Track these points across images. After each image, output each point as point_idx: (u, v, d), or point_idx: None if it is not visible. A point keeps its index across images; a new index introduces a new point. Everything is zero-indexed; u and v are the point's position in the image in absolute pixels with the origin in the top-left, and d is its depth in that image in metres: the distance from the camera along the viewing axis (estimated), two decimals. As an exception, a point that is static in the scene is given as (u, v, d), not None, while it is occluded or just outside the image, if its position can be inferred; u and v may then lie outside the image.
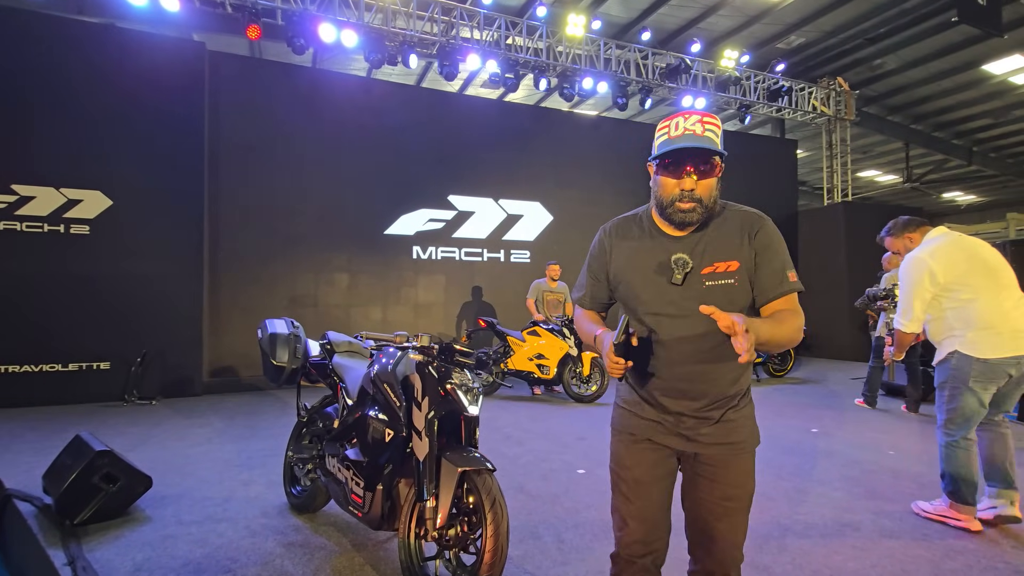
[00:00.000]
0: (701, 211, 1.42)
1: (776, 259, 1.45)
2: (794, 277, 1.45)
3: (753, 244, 1.45)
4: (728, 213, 1.50)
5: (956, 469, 2.77)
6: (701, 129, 1.38)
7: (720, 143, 1.40)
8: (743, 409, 1.54)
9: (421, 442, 2.22)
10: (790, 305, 1.44)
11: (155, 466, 3.82)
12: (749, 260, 1.44)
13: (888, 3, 9.57)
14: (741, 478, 1.52)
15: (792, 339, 1.40)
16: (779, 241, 1.48)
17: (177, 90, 6.69)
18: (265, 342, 3.10)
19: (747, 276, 1.44)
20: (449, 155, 8.47)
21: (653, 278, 1.49)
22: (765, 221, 1.50)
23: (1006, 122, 13.98)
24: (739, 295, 1.44)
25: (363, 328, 7.65)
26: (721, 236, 1.46)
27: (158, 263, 6.56)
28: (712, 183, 1.42)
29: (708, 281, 1.43)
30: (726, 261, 1.44)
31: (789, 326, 1.40)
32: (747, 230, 1.46)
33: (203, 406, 6.10)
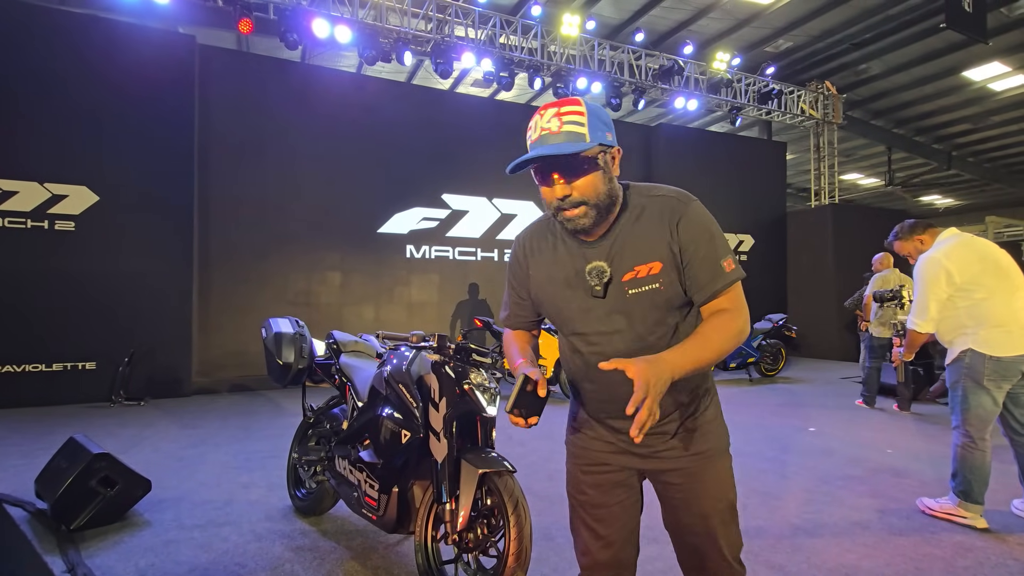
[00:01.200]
0: (594, 213, 1.20)
1: (705, 249, 1.22)
2: (731, 266, 1.23)
3: (677, 236, 1.22)
4: (646, 202, 1.26)
5: (971, 471, 2.80)
6: (557, 124, 1.17)
7: (588, 131, 1.17)
8: (705, 413, 1.35)
9: (439, 443, 2.18)
10: (728, 303, 1.23)
11: (149, 469, 3.71)
12: (675, 256, 1.22)
13: (874, 9, 9.74)
14: (717, 489, 1.34)
15: (725, 350, 1.20)
16: (707, 226, 1.24)
17: (166, 84, 6.54)
18: (270, 341, 3.03)
19: (676, 275, 1.23)
20: (443, 153, 8.41)
21: (573, 293, 1.29)
22: (688, 205, 1.24)
23: (984, 128, 14.35)
24: (668, 299, 1.24)
25: (356, 327, 7.57)
26: (638, 232, 1.24)
27: (146, 260, 6.40)
28: (592, 179, 1.19)
29: (631, 289, 1.24)
30: (647, 263, 1.23)
31: (719, 338, 1.19)
32: (667, 220, 1.23)
33: (194, 407, 5.97)
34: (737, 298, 1.25)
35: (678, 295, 1.25)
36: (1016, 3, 9.29)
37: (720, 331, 1.21)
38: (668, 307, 1.26)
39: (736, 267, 1.25)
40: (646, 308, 1.24)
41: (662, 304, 1.25)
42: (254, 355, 7.07)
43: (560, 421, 5.09)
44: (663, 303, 1.24)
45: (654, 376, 1.07)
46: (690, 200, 1.27)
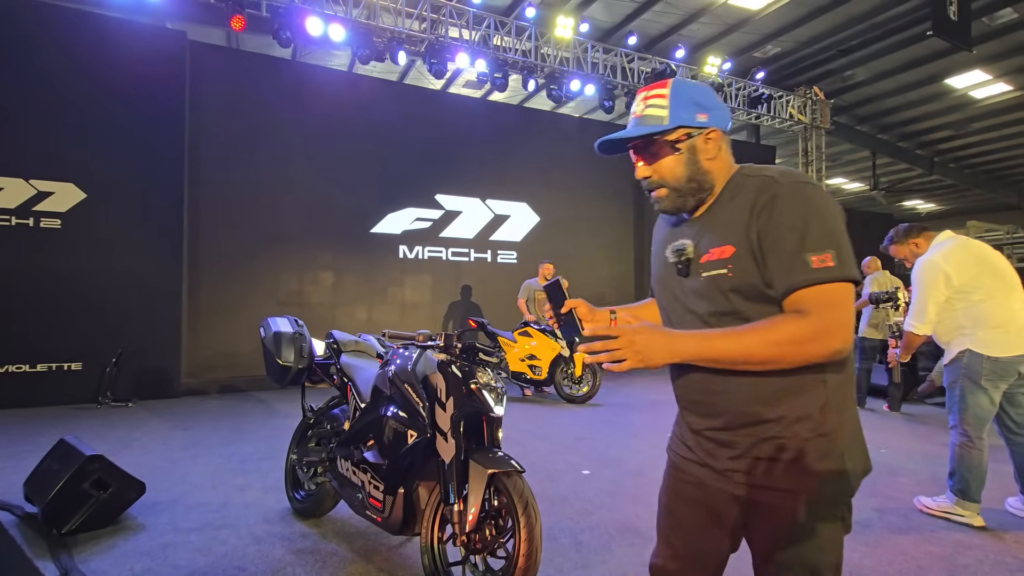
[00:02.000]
0: (674, 196, 1.18)
1: (788, 237, 1.04)
2: (822, 261, 1.02)
3: (758, 220, 1.08)
4: (745, 183, 1.16)
5: (968, 469, 2.85)
6: (642, 108, 1.17)
7: (669, 113, 1.14)
8: (801, 442, 1.09)
9: (447, 444, 2.16)
10: (809, 304, 1.03)
11: (141, 471, 3.63)
12: (751, 243, 1.08)
13: (860, 16, 9.90)
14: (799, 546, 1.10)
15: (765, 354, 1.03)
16: (798, 211, 1.06)
17: (156, 80, 6.44)
18: (269, 341, 2.98)
19: (752, 264, 1.08)
20: (436, 153, 8.39)
21: (666, 269, 1.26)
22: (781, 186, 1.08)
23: (965, 134, 14.65)
24: (736, 288, 1.11)
25: (349, 328, 7.47)
26: (726, 214, 1.15)
27: (134, 259, 6.28)
28: (670, 163, 1.16)
29: (704, 272, 1.15)
30: (721, 245, 1.13)
31: (759, 337, 1.03)
32: (753, 202, 1.10)
33: (183, 408, 5.87)
34: (821, 303, 1.03)
35: (750, 286, 1.10)
36: (997, 13, 9.51)
37: (766, 328, 1.04)
38: (737, 297, 1.12)
39: (836, 264, 1.03)
40: (714, 294, 1.14)
41: (728, 292, 1.12)
42: (244, 356, 6.97)
43: (555, 422, 5.12)
44: (729, 291, 1.12)
45: (645, 333, 1.04)
46: (792, 181, 1.09)
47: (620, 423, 5.28)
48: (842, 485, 1.11)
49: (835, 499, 1.12)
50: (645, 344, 1.03)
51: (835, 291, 1.04)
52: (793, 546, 1.11)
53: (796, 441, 1.09)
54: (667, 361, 1.07)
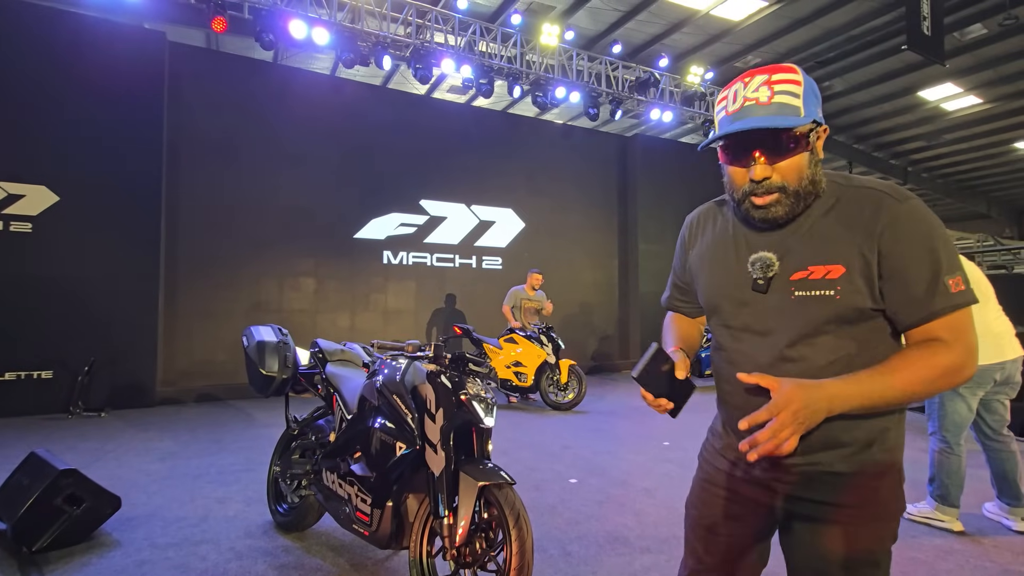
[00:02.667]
0: (789, 202, 1.04)
1: (923, 260, 0.98)
2: (960, 286, 0.98)
3: (879, 240, 0.99)
4: (842, 193, 1.05)
5: (948, 475, 2.91)
6: (767, 94, 1.00)
7: (803, 104, 1.00)
8: (862, 455, 1.06)
9: (436, 455, 2.12)
10: (946, 332, 0.98)
11: (115, 484, 3.53)
12: (867, 265, 1.00)
13: (837, 29, 10.15)
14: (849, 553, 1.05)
15: (920, 391, 0.97)
16: (927, 232, 0.99)
17: (134, 81, 6.29)
18: (252, 350, 2.91)
19: (864, 287, 1.01)
20: (421, 159, 8.34)
21: (729, 280, 1.15)
22: (900, 204, 1.00)
23: (938, 145, 15.10)
24: (842, 314, 1.02)
25: (331, 335, 7.40)
26: (825, 228, 1.04)
27: (109, 265, 6.11)
28: (799, 161, 1.02)
29: (798, 291, 1.05)
30: (826, 264, 1.02)
31: (913, 372, 0.97)
32: (868, 219, 1.01)
33: (159, 418, 5.71)
34: (959, 328, 0.99)
35: (857, 313, 1.02)
36: (968, 28, 9.84)
37: (918, 364, 0.97)
38: (839, 323, 1.03)
39: (967, 288, 0.99)
40: (810, 318, 1.04)
41: (831, 317, 1.03)
42: (223, 364, 6.83)
43: (542, 429, 5.09)
44: (833, 317, 1.03)
45: (801, 399, 0.93)
46: (906, 198, 1.01)
47: (606, 430, 5.28)
48: (900, 501, 1.10)
49: (894, 514, 1.09)
50: (807, 411, 0.93)
51: (968, 315, 1.00)
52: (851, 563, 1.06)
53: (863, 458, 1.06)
54: (821, 416, 0.96)
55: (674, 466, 4.09)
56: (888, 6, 9.46)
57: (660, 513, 3.17)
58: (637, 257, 10.18)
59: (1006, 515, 2.96)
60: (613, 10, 9.31)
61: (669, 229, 10.55)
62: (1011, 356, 2.89)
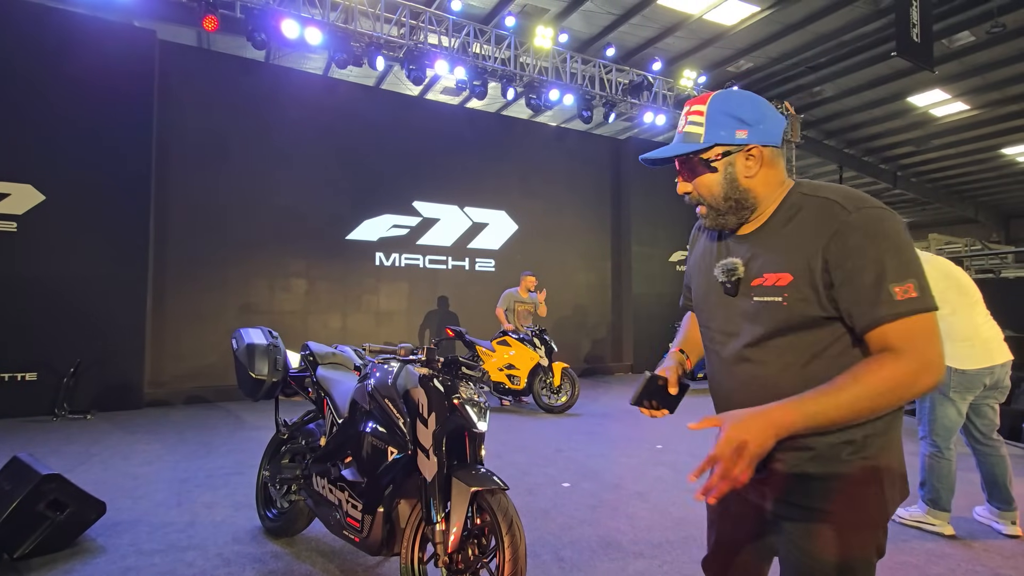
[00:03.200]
0: (713, 214, 1.16)
1: (866, 269, 0.99)
2: (910, 292, 0.98)
3: (824, 250, 1.02)
4: (804, 203, 1.10)
5: (939, 479, 2.92)
6: (683, 123, 1.16)
7: (705, 131, 1.11)
8: (841, 463, 1.07)
9: (429, 461, 2.10)
10: (899, 339, 0.98)
11: (101, 489, 3.47)
12: (813, 272, 1.03)
13: (828, 35, 10.23)
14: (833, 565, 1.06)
15: (872, 406, 0.97)
16: (877, 239, 1.00)
17: (123, 79, 6.22)
18: (242, 353, 2.87)
19: (810, 295, 1.04)
20: (414, 160, 8.31)
21: (711, 285, 1.21)
22: (849, 214, 1.02)
23: (926, 150, 15.27)
24: (790, 321, 1.06)
25: (322, 337, 7.34)
26: (781, 236, 1.10)
27: (96, 265, 6.03)
28: (706, 181, 1.14)
29: (755, 296, 1.10)
30: (777, 272, 1.07)
31: (861, 388, 0.96)
32: (818, 229, 1.04)
33: (146, 421, 5.63)
34: (913, 336, 0.97)
35: (807, 320, 1.05)
36: (956, 36, 9.95)
37: (865, 379, 0.97)
38: (790, 329, 1.07)
39: (920, 295, 0.98)
40: (766, 322, 1.09)
41: (782, 323, 1.07)
42: (212, 365, 6.76)
43: (534, 432, 5.05)
44: (784, 323, 1.06)
45: (741, 437, 0.96)
46: (860, 206, 1.03)
47: (599, 433, 5.27)
48: (879, 511, 1.09)
49: (871, 524, 1.09)
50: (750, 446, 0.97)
51: (923, 322, 0.98)
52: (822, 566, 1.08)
53: (835, 464, 1.07)
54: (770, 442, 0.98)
55: (667, 469, 4.08)
56: (878, 13, 9.55)
57: (653, 517, 3.16)
58: (630, 259, 10.20)
59: (996, 519, 2.97)
60: (607, 13, 9.33)
61: (662, 231, 10.57)
62: (1000, 360, 2.91)
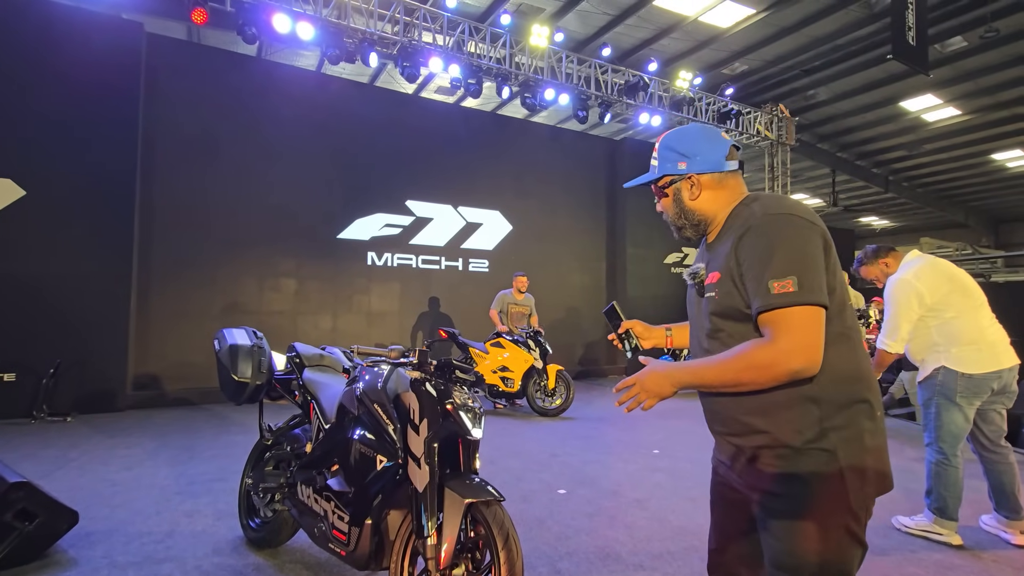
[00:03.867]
0: (675, 229, 1.43)
1: (756, 266, 1.16)
2: (782, 287, 1.10)
3: (737, 248, 1.21)
4: (740, 212, 1.30)
5: (947, 487, 2.83)
6: (652, 157, 1.43)
7: (658, 164, 1.39)
8: (802, 458, 1.16)
9: (420, 470, 1.98)
10: (772, 327, 1.12)
11: (77, 496, 3.33)
12: (731, 269, 1.21)
13: (823, 38, 10.23)
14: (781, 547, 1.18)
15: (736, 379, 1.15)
16: (768, 241, 1.16)
17: (109, 73, 6.06)
18: (224, 355, 2.73)
19: (733, 290, 1.21)
20: (408, 159, 8.19)
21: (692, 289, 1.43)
22: (756, 217, 1.21)
23: (918, 155, 15.34)
24: (722, 311, 1.25)
25: (312, 338, 7.19)
26: (721, 242, 1.31)
27: (78, 263, 5.85)
28: (665, 204, 1.42)
29: (707, 293, 1.30)
30: (714, 271, 1.28)
31: (729, 363, 1.15)
32: (737, 232, 1.24)
33: (128, 423, 5.46)
34: (781, 326, 1.11)
35: (734, 311, 1.23)
36: (949, 40, 9.98)
37: (733, 356, 1.17)
38: (724, 319, 1.26)
39: (795, 289, 1.10)
40: (711, 315, 1.29)
41: (718, 314, 1.27)
42: (198, 367, 6.59)
43: (529, 436, 4.89)
44: (719, 313, 1.27)
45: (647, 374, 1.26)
46: (769, 212, 1.22)
47: (594, 438, 5.16)
48: (837, 500, 1.15)
49: (829, 511, 1.15)
50: (653, 383, 1.26)
51: (794, 315, 1.11)
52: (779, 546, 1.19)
53: (786, 451, 1.19)
54: (674, 390, 1.26)
55: (664, 475, 3.98)
56: (872, 17, 9.55)
57: (652, 527, 3.05)
58: (625, 261, 10.12)
59: (1004, 528, 2.90)
60: (602, 14, 9.26)
61: (657, 233, 10.51)
62: (1007, 364, 2.84)
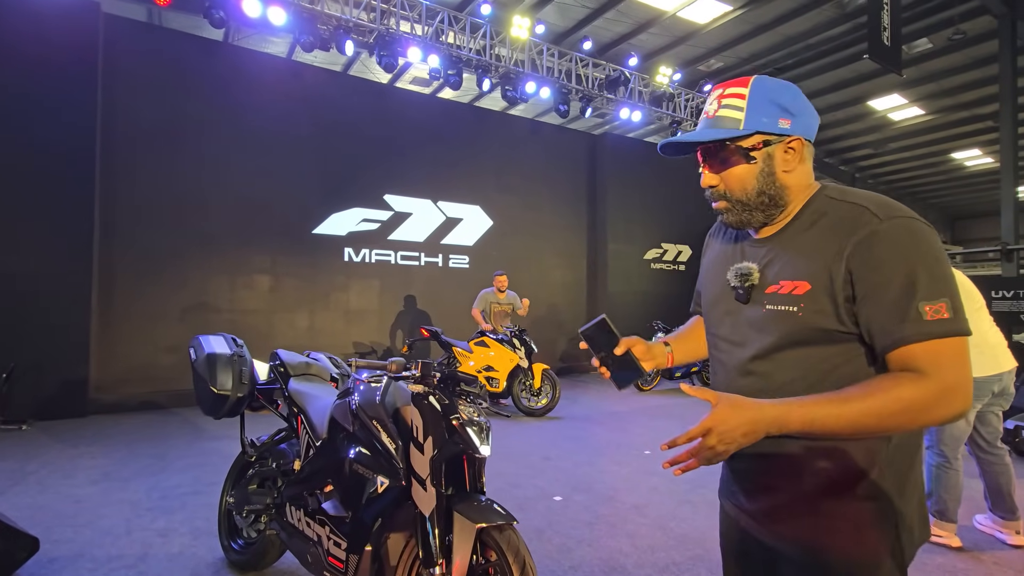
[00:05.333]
0: (738, 210, 1.07)
1: (893, 283, 0.90)
2: (937, 312, 0.89)
3: (848, 259, 0.93)
4: (831, 207, 1.01)
5: (947, 490, 2.85)
6: (715, 107, 1.05)
7: (746, 116, 1.01)
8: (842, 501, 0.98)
9: (426, 492, 1.85)
10: (925, 362, 0.89)
11: (37, 516, 3.08)
12: (835, 283, 0.94)
13: (796, 37, 10.37)
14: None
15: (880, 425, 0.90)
16: (905, 253, 0.91)
17: (62, 56, 5.64)
18: (201, 365, 2.53)
19: (827, 307, 0.95)
20: (385, 151, 7.94)
21: (721, 290, 1.14)
22: (879, 223, 0.93)
23: (884, 153, 15.81)
24: (804, 332, 0.98)
25: (287, 337, 6.93)
26: (803, 242, 1.02)
27: (32, 260, 5.46)
28: (739, 172, 1.04)
29: (768, 304, 1.02)
30: (794, 280, 0.99)
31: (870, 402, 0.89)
32: (842, 236, 0.95)
33: (91, 431, 5.14)
34: (940, 359, 0.89)
35: (820, 333, 0.96)
36: (915, 42, 10.24)
37: (878, 395, 0.89)
38: (802, 342, 0.98)
39: (952, 316, 0.90)
40: (776, 333, 1.01)
41: (794, 334, 0.99)
42: (166, 368, 6.27)
43: (518, 438, 4.73)
44: (796, 334, 0.98)
45: (730, 423, 0.90)
46: (892, 215, 0.94)
47: (584, 439, 5.09)
48: (891, 555, 0.98)
49: (878, 568, 0.98)
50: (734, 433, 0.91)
51: (954, 346, 0.91)
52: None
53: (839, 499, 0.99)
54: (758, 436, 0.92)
55: (660, 479, 3.93)
56: (844, 16, 9.70)
57: (655, 535, 2.98)
58: (606, 256, 10.09)
59: (1000, 528, 2.93)
60: (581, 6, 9.14)
61: (637, 228, 10.51)
62: (1007, 368, 2.87)
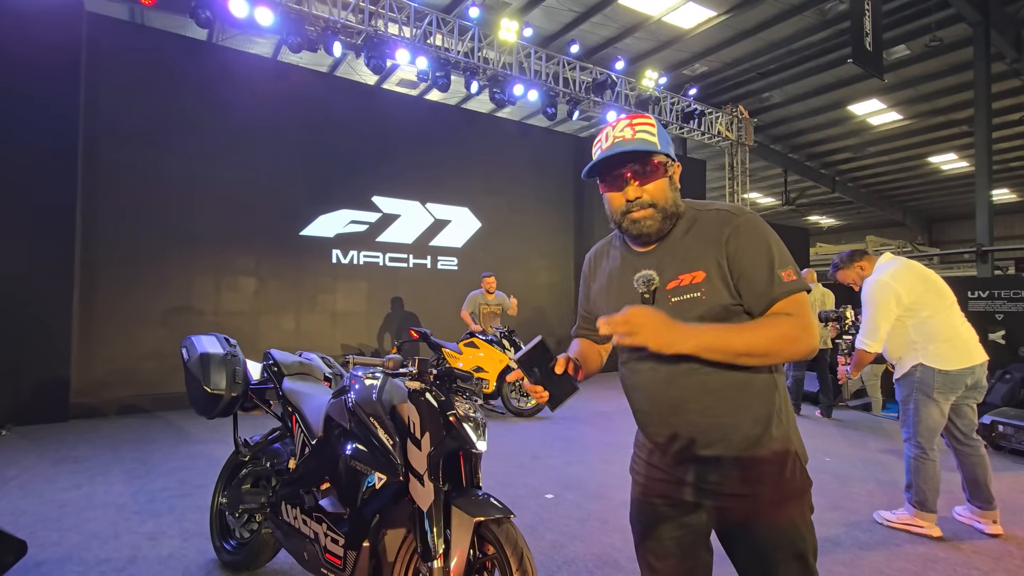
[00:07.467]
0: (660, 216, 1.26)
1: (760, 259, 1.21)
2: (792, 276, 1.20)
3: (725, 247, 1.22)
4: (700, 215, 1.29)
5: (925, 480, 2.93)
6: (631, 132, 1.25)
7: (659, 142, 1.25)
8: (765, 443, 1.23)
9: (423, 488, 1.86)
10: (791, 309, 1.20)
11: (20, 521, 3.03)
12: (720, 268, 1.22)
13: (778, 43, 10.57)
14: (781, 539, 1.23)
15: (765, 348, 1.16)
16: (761, 238, 1.23)
17: (44, 55, 5.53)
18: (194, 365, 2.51)
19: (722, 287, 1.22)
20: (373, 152, 7.92)
21: (625, 302, 1.26)
22: (740, 217, 1.25)
23: (862, 156, 16.14)
24: (709, 309, 1.22)
25: (273, 339, 6.87)
26: (688, 243, 1.26)
27: (12, 260, 5.35)
28: (662, 184, 1.26)
29: (673, 297, 1.24)
30: (691, 271, 1.24)
31: (760, 332, 1.17)
32: (717, 233, 1.24)
33: (73, 435, 5.04)
34: (799, 308, 1.21)
35: (721, 308, 1.22)
36: (893, 48, 10.50)
37: (765, 327, 1.18)
38: (710, 319, 1.22)
39: (798, 278, 1.22)
40: (687, 318, 1.21)
41: (703, 314, 1.22)
42: (149, 371, 6.18)
43: (507, 438, 4.80)
44: (705, 313, 1.22)
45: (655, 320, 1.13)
46: (743, 212, 1.26)
47: (573, 438, 5.13)
48: (803, 477, 1.27)
49: (802, 489, 1.27)
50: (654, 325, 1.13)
51: (803, 299, 1.22)
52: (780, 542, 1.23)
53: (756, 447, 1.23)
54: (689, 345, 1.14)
55: (648, 476, 3.97)
56: (825, 23, 9.91)
57: (645, 530, 3.02)
58: (591, 259, 10.16)
59: (978, 518, 3.03)
60: (568, 10, 9.24)
61: (622, 231, 10.58)
62: (979, 360, 2.96)
